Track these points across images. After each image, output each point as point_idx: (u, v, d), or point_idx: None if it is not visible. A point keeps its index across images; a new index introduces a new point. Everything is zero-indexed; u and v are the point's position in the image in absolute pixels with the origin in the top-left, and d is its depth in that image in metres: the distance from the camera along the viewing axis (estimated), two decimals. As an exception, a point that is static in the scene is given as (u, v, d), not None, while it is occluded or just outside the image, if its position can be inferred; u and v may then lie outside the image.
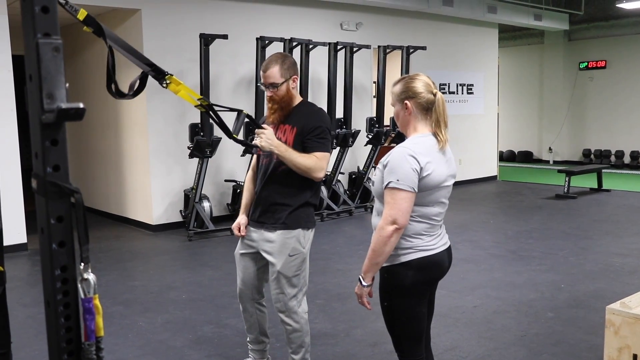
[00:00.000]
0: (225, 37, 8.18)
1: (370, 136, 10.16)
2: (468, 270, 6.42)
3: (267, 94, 3.59)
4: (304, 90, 9.25)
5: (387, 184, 2.68)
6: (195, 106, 3.10)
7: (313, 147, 3.51)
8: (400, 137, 10.30)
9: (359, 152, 10.71)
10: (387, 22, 11.35)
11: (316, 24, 10.28)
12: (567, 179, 11.34)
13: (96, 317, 1.41)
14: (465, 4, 11.88)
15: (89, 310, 1.39)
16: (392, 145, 10.60)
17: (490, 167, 14.07)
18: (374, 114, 10.70)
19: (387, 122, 10.53)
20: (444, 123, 2.84)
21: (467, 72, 13.31)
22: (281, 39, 8.87)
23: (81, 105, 1.24)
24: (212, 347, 4.56)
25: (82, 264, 1.40)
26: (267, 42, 8.73)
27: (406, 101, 2.80)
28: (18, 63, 7.97)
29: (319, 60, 9.78)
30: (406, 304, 2.84)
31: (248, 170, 3.94)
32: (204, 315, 5.24)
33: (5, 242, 7.06)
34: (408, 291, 2.82)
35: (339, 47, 9.62)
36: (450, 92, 12.90)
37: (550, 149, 17.49)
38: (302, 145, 3.52)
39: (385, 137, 10.28)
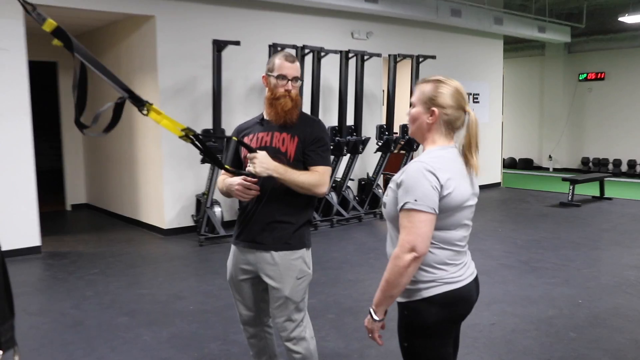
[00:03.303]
0: (237, 43, 7.64)
1: (380, 143, 9.62)
2: (481, 283, 5.77)
3: (283, 88, 2.95)
4: (315, 98, 8.71)
5: (403, 205, 2.12)
6: (180, 137, 2.53)
7: (315, 160, 2.96)
8: (408, 144, 9.75)
9: (368, 159, 10.16)
10: (397, 31, 10.79)
11: (328, 32, 9.73)
12: (571, 188, 10.75)
13: None
14: (472, 15, 11.30)
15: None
16: (402, 152, 10.05)
17: (494, 174, 13.47)
18: (384, 122, 10.15)
19: (396, 129, 9.97)
20: (476, 146, 2.28)
21: (474, 82, 12.71)
22: (294, 46, 8.31)
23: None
24: (218, 367, 4.02)
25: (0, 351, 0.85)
26: (279, 49, 8.18)
27: (434, 108, 2.24)
28: (34, 69, 7.50)
29: (330, 68, 9.23)
30: (430, 345, 2.27)
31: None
32: (211, 330, 4.68)
33: (19, 245, 6.54)
34: (432, 331, 2.25)
35: (350, 55, 9.07)
36: (457, 101, 12.34)
37: (550, 156, 16.93)
38: (303, 156, 2.96)
39: (394, 144, 9.73)
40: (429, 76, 2.36)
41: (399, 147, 9.93)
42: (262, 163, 2.75)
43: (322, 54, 8.73)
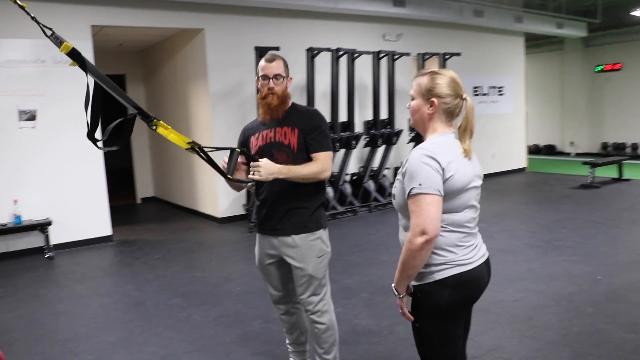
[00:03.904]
0: (277, 49, 7.46)
1: (412, 135, 9.35)
2: (506, 262, 5.55)
3: (266, 87, 2.84)
4: (350, 95, 8.50)
5: (410, 192, 1.95)
6: (186, 149, 2.49)
7: (316, 147, 2.86)
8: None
9: (402, 149, 9.87)
10: (424, 32, 10.43)
11: (361, 35, 9.46)
12: (591, 170, 10.24)
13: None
14: (494, 15, 10.86)
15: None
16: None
17: (519, 160, 12.96)
18: (414, 115, 9.86)
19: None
20: (470, 131, 2.10)
21: (498, 76, 12.23)
22: (328, 49, 8.10)
23: None
24: (258, 344, 3.87)
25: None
26: (315, 52, 7.98)
27: (433, 99, 2.06)
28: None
29: (364, 68, 8.99)
30: (440, 326, 2.08)
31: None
32: (254, 309, 4.55)
33: (93, 235, 6.58)
34: (443, 312, 2.05)
35: (381, 55, 8.80)
36: (483, 94, 11.91)
37: (571, 142, 16.25)
38: (305, 145, 2.86)
39: (424, 135, 9.43)
40: (424, 69, 2.18)
41: (429, 138, 9.64)
42: (266, 170, 2.66)
43: (356, 55, 8.49)
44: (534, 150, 16.65)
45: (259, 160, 2.69)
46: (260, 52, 7.50)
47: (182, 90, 8.99)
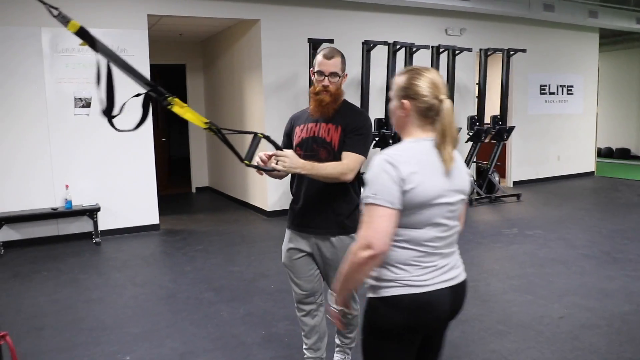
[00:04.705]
0: (331, 41, 7.25)
1: (470, 134, 8.92)
2: (558, 273, 5.13)
3: (321, 84, 2.73)
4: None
5: (365, 200, 1.75)
6: (204, 129, 2.41)
7: (349, 146, 2.71)
8: (499, 134, 9.01)
9: (460, 149, 9.42)
10: (488, 26, 9.93)
11: (419, 29, 9.10)
12: (666, 177, 9.50)
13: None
14: (566, 9, 10.21)
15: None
16: (493, 142, 9.30)
17: (587, 163, 12.19)
18: (475, 113, 9.42)
19: (487, 120, 9.22)
20: (450, 137, 1.81)
21: (567, 74, 11.52)
22: (385, 43, 7.83)
23: None
24: (280, 347, 3.70)
25: None
26: (371, 45, 7.73)
27: (404, 100, 1.83)
28: (166, 70, 7.54)
29: (423, 63, 8.64)
30: (383, 346, 1.86)
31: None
32: (283, 309, 4.38)
33: (141, 222, 6.62)
34: (386, 333, 1.84)
35: (441, 50, 8.43)
36: (550, 93, 11.25)
37: (648, 146, 15.23)
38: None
39: (485, 134, 8.99)
40: (405, 68, 1.96)
41: (489, 137, 9.18)
42: (291, 162, 2.52)
43: (414, 49, 8.17)
44: (605, 153, 15.72)
45: (284, 151, 2.56)
46: (314, 44, 7.33)
47: (237, 81, 8.95)
